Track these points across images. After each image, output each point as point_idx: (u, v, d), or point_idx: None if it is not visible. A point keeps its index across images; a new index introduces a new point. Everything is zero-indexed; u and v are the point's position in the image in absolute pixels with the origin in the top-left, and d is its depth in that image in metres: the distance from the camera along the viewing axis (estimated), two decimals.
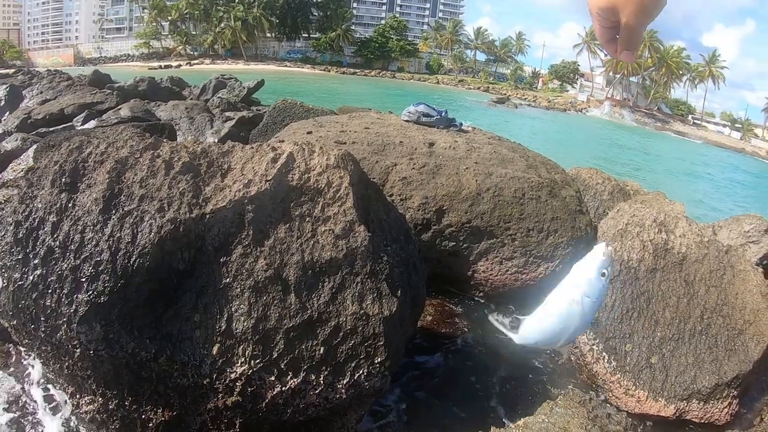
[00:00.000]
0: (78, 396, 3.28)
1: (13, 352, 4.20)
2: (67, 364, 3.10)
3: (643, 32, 1.17)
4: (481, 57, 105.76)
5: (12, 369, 4.05)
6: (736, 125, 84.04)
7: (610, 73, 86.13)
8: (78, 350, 2.93)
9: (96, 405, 3.20)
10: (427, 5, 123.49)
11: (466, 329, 5.44)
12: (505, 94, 78.48)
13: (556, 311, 1.84)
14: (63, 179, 3.14)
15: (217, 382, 2.95)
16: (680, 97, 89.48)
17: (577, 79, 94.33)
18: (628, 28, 1.14)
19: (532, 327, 1.96)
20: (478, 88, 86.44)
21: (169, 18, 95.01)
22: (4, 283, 2.99)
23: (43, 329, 2.94)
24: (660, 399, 4.38)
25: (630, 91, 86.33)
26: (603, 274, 1.71)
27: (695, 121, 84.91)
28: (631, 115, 77.77)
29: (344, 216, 3.27)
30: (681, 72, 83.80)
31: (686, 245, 5.12)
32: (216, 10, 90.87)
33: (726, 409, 4.32)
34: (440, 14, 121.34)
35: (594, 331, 4.85)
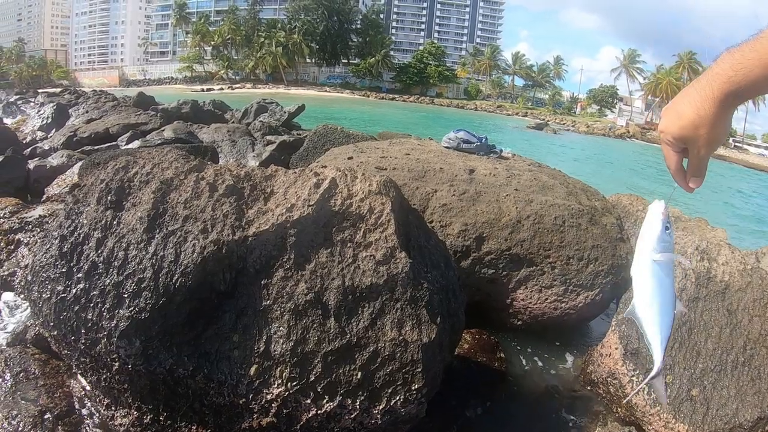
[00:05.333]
0: (113, 408, 3.31)
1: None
2: (104, 376, 3.13)
3: (708, 161, 1.33)
4: (519, 82, 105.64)
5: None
6: None
7: (649, 97, 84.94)
8: (116, 364, 2.96)
9: (131, 418, 3.22)
10: (465, 31, 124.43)
11: (503, 358, 5.33)
12: (543, 119, 77.41)
13: (640, 280, 1.80)
14: (109, 197, 3.20)
15: (253, 403, 2.94)
16: None
17: (616, 103, 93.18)
18: (697, 159, 1.32)
19: (633, 302, 1.90)
20: (517, 113, 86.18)
21: (212, 43, 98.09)
22: (47, 294, 3.04)
23: (83, 341, 2.98)
24: None
25: None
26: (667, 228, 1.70)
27: (736, 144, 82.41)
28: None
29: (385, 242, 3.25)
30: None
31: (729, 273, 4.92)
32: (257, 35, 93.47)
33: None
34: (478, 40, 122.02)
35: (633, 363, 4.70)
